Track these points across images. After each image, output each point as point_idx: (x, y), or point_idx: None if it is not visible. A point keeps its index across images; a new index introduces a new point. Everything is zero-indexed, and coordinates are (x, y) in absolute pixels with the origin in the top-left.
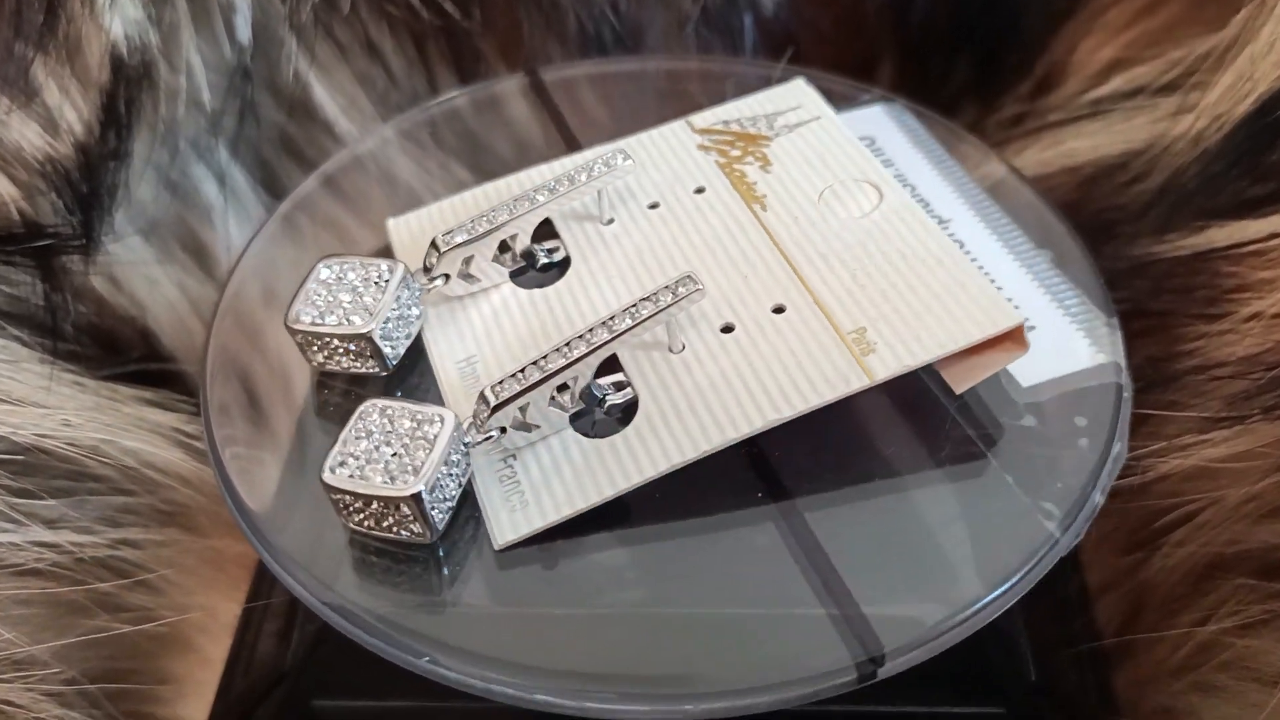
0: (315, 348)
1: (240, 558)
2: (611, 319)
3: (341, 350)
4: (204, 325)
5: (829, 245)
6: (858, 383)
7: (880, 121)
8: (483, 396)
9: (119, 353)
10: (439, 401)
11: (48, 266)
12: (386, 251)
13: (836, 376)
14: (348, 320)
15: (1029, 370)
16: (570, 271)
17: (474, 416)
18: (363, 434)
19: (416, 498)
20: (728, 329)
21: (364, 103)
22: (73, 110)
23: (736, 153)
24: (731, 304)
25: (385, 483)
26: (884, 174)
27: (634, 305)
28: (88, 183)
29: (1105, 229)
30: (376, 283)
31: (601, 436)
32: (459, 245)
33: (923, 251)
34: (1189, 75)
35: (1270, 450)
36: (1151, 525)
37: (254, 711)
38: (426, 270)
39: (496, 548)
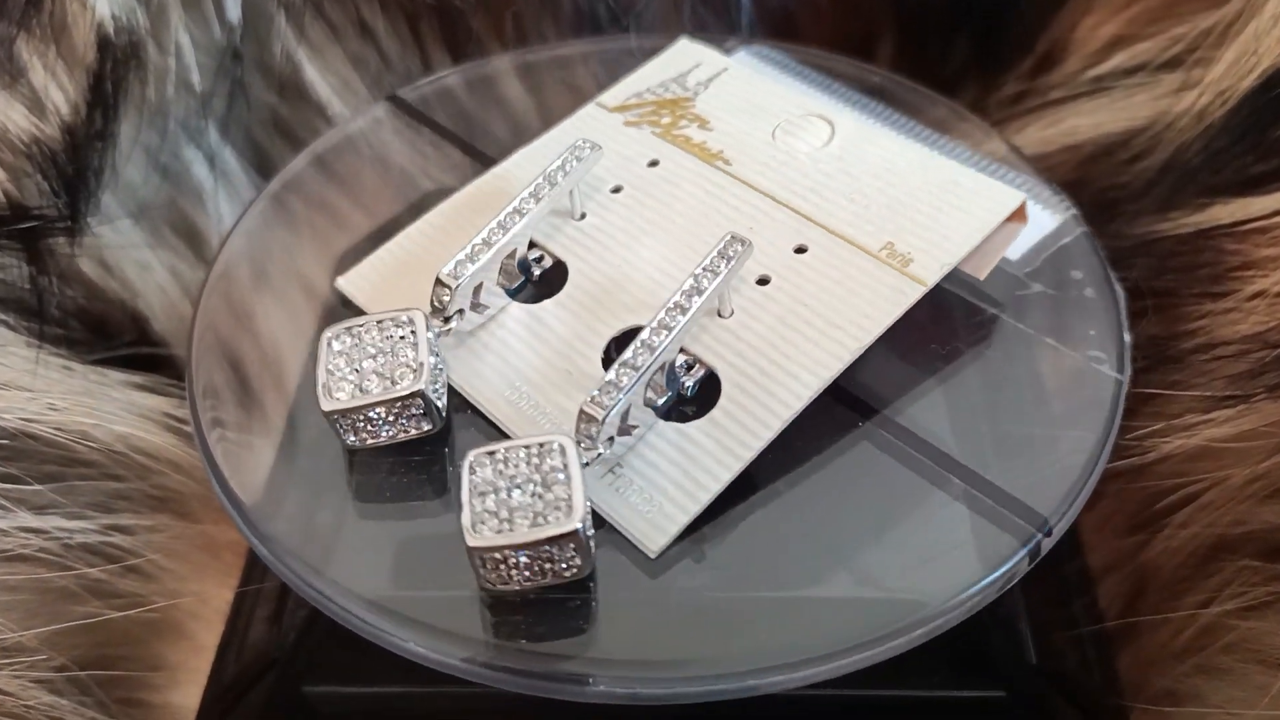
0: (358, 425)
1: (233, 543)
2: (678, 298)
3: (389, 419)
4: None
5: (811, 179)
6: (913, 293)
7: (752, 64)
8: (585, 414)
9: (109, 337)
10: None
11: (34, 249)
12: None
13: (892, 293)
14: (393, 383)
15: (969, 240)
16: (572, 273)
17: (583, 437)
18: (486, 489)
19: (576, 533)
20: (763, 281)
21: (357, 83)
22: (59, 91)
23: (667, 119)
24: (755, 257)
25: (538, 526)
26: (825, 103)
27: (694, 280)
28: (74, 164)
29: (1108, 207)
30: (403, 338)
31: (690, 419)
32: (469, 276)
33: (901, 163)
34: (1192, 51)
35: (1274, 430)
36: (1154, 506)
37: (245, 697)
38: (439, 311)
39: (653, 556)
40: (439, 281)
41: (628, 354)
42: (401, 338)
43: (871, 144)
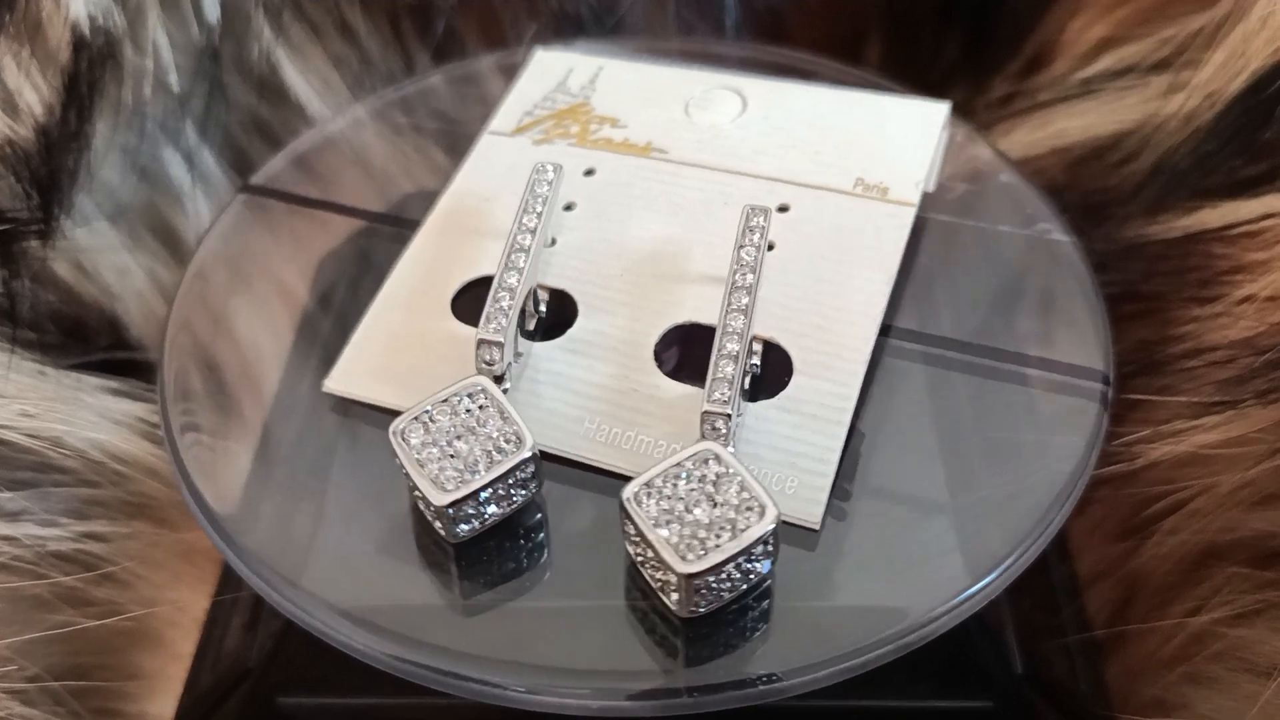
0: (467, 513)
1: (209, 550)
2: (735, 280)
3: (499, 494)
4: None
5: (752, 144)
6: (906, 216)
7: (600, 52)
8: (712, 414)
9: (85, 341)
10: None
11: (7, 252)
12: (368, 259)
13: (889, 221)
14: (498, 454)
15: (925, 156)
16: (578, 296)
17: (716, 436)
18: (662, 519)
19: (775, 527)
20: (770, 247)
21: (337, 84)
22: (33, 92)
23: (576, 128)
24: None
25: (740, 533)
26: (716, 76)
27: (738, 263)
28: (48, 166)
29: (1096, 210)
30: (482, 407)
31: (762, 397)
32: (511, 327)
33: (825, 108)
34: (1180, 53)
35: (1264, 436)
36: (1143, 513)
37: (220, 708)
38: (488, 372)
39: (817, 528)
40: (485, 342)
41: (720, 345)
42: (480, 407)
43: (788, 99)
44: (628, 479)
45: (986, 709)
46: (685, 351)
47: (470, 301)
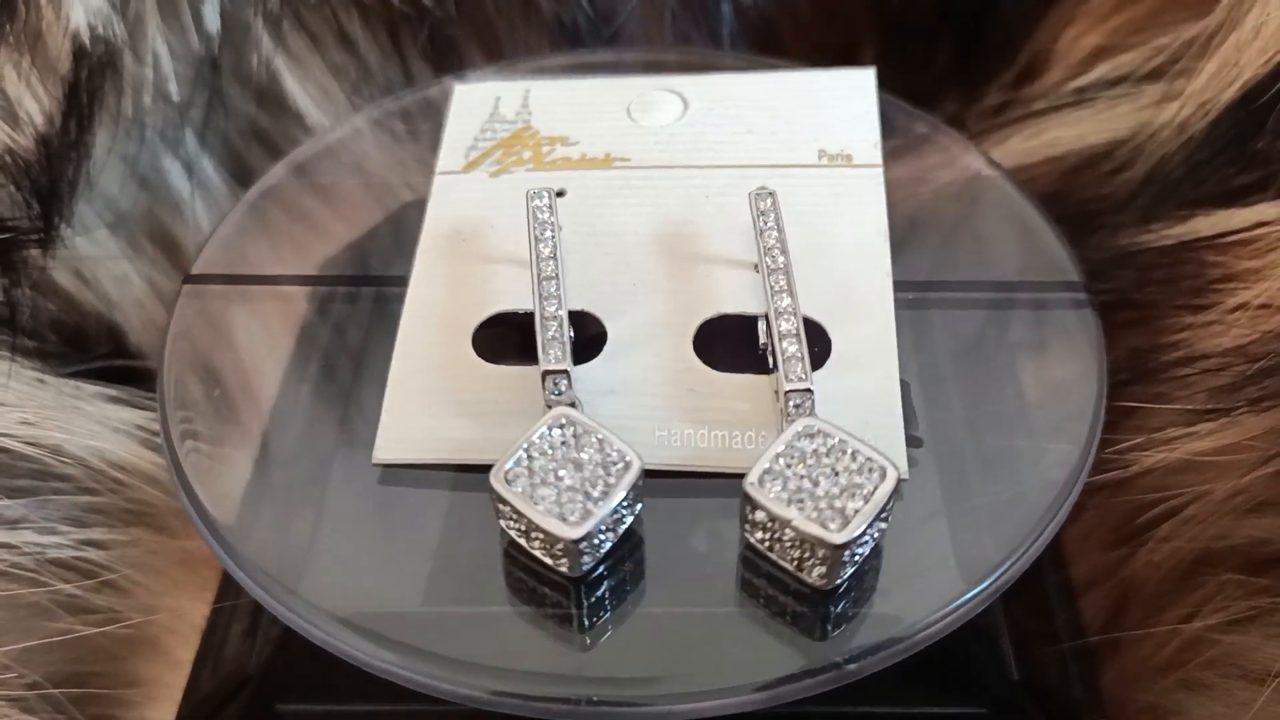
0: (592, 543)
1: (209, 557)
2: (768, 263)
3: (624, 509)
4: None
5: (709, 137)
6: (877, 178)
7: (516, 76)
8: (794, 391)
9: (85, 349)
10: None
11: (7, 261)
12: (366, 267)
13: (864, 185)
14: (611, 478)
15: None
16: (602, 315)
17: (800, 414)
18: (793, 498)
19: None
20: None
21: (336, 93)
22: (33, 101)
23: (528, 153)
24: (735, 216)
25: (873, 494)
26: (651, 79)
27: (764, 249)
28: (48, 175)
29: (1089, 219)
30: (575, 435)
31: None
32: (569, 354)
33: (762, 91)
34: (1173, 62)
35: (1257, 443)
36: (1136, 520)
37: (219, 714)
38: (559, 401)
39: (906, 476)
40: (550, 373)
41: (777, 327)
42: (575, 436)
43: (726, 89)
44: (688, 475)
45: (981, 715)
46: (715, 343)
47: (489, 340)
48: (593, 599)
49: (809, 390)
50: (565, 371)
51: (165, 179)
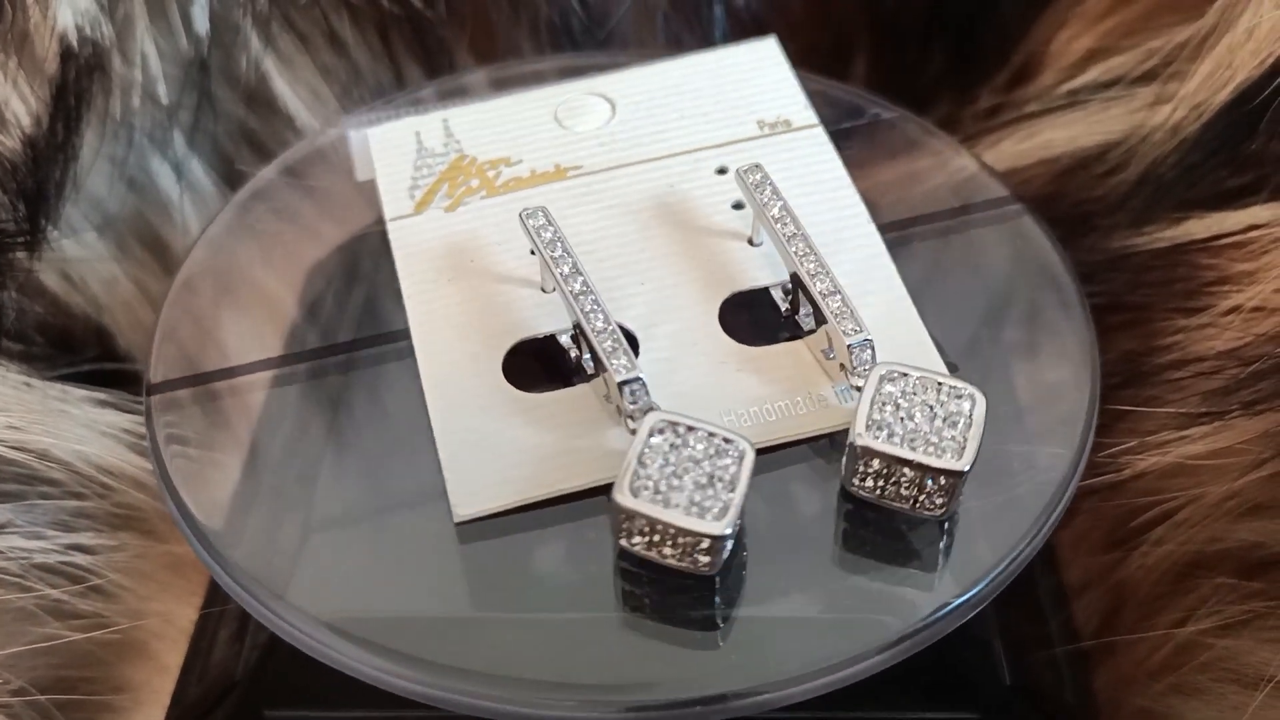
0: (731, 538)
1: (198, 563)
2: (788, 238)
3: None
4: None
5: (647, 129)
6: (821, 137)
7: (417, 110)
8: (854, 348)
9: (72, 351)
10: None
11: None
12: (356, 269)
13: (811, 145)
14: (731, 465)
15: (792, 82)
16: (631, 324)
17: (860, 372)
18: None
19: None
20: (738, 205)
21: (326, 95)
22: (20, 103)
23: (476, 181)
24: (701, 197)
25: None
26: (565, 85)
27: (772, 221)
28: (34, 177)
29: (1082, 221)
30: (679, 434)
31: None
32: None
33: (682, 77)
34: (1167, 65)
35: (1250, 446)
36: (1130, 524)
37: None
38: (635, 405)
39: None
40: (626, 383)
41: (814, 289)
42: (678, 435)
43: (643, 82)
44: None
45: None
46: (726, 322)
47: (516, 373)
48: (576, 604)
49: (869, 340)
50: (639, 378)
51: (154, 181)
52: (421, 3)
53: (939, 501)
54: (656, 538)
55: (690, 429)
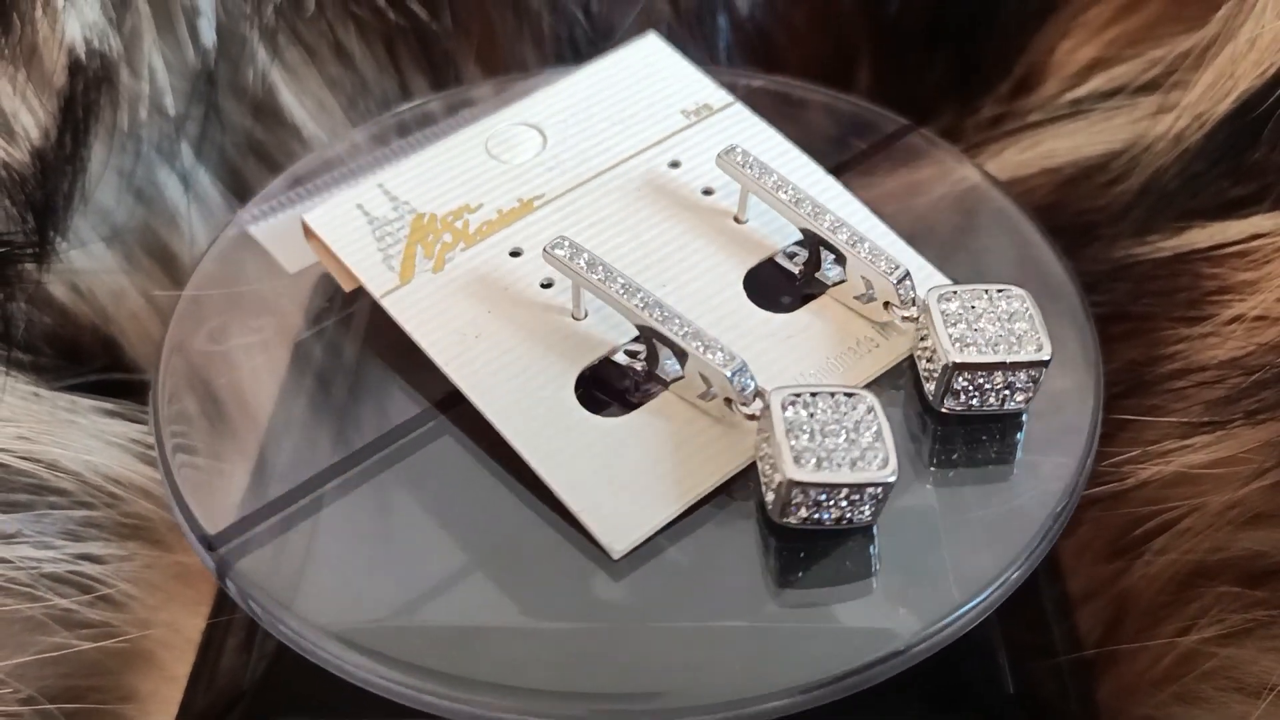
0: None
1: (205, 571)
2: (802, 210)
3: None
4: None
5: (590, 143)
6: (746, 113)
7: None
8: (903, 288)
9: (80, 362)
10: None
11: (2, 274)
12: None
13: (741, 122)
14: (869, 418)
15: (690, 69)
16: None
17: (905, 311)
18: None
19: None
20: (708, 191)
21: (333, 106)
22: (29, 115)
23: (448, 236)
24: (669, 189)
25: None
26: (484, 124)
27: (779, 193)
28: (43, 189)
29: (1085, 231)
30: (807, 402)
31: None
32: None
33: (590, 88)
34: (1169, 74)
35: (1252, 456)
36: (1132, 533)
37: None
38: (743, 392)
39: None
40: (737, 372)
41: (849, 246)
42: (807, 404)
43: (560, 99)
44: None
45: None
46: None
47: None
48: (578, 614)
49: (908, 271)
50: (744, 364)
51: (161, 193)
52: (427, 15)
53: (1022, 398)
54: (827, 501)
55: (814, 395)
